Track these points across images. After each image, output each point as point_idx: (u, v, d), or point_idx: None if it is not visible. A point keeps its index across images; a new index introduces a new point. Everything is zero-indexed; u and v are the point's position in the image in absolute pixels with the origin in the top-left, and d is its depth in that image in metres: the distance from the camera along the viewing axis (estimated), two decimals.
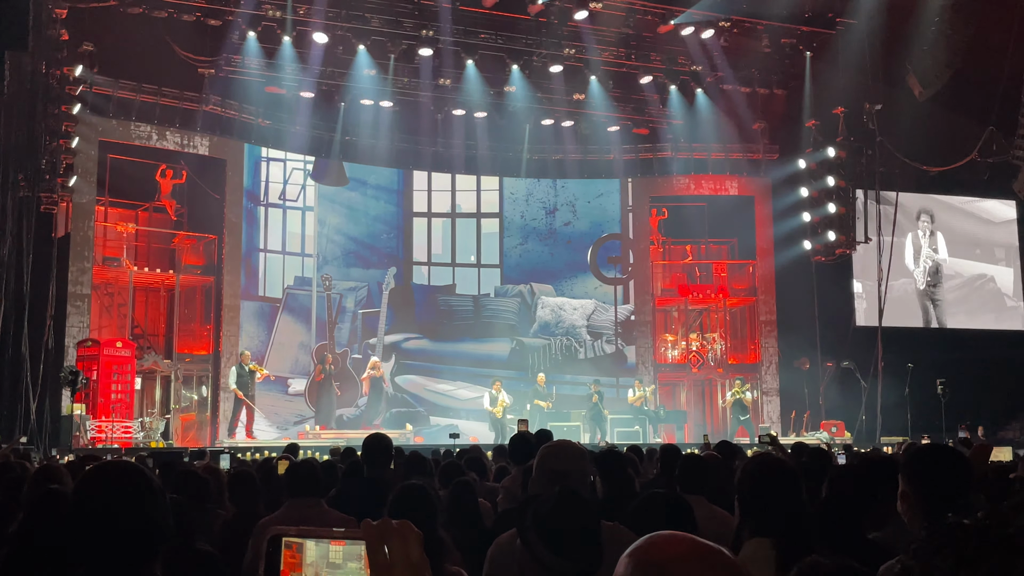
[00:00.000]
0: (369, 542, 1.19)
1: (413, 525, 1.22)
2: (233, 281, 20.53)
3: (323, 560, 1.21)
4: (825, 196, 22.34)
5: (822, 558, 1.82)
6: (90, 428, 16.36)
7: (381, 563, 1.18)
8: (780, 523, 2.63)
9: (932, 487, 2.78)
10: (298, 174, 22.58)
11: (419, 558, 1.20)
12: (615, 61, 22.82)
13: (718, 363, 23.58)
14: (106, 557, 2.07)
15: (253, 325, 21.27)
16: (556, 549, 2.48)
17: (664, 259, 24.42)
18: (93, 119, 18.74)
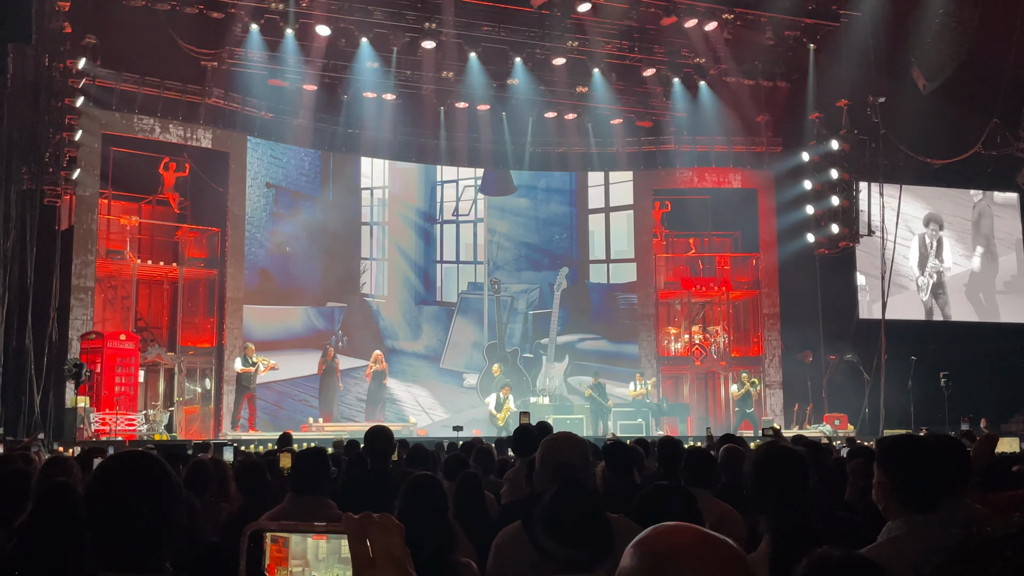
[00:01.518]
0: (351, 536, 1.18)
1: (395, 519, 1.21)
2: (236, 274, 20.54)
3: (310, 554, 1.21)
4: (828, 189, 22.30)
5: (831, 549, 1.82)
6: (94, 421, 16.39)
7: (363, 557, 1.17)
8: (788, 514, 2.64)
9: (905, 477, 2.82)
10: (469, 191, 24.32)
11: (401, 551, 1.19)
12: (618, 53, 22.79)
13: (721, 356, 23.59)
14: (121, 547, 2.07)
15: (432, 326, 23.64)
16: (561, 539, 2.48)
17: (667, 252, 24.40)
18: (96, 112, 18.74)
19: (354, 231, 23.25)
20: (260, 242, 21.37)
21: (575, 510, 2.54)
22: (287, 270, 21.89)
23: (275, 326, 21.58)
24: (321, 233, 22.39)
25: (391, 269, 23.63)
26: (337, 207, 22.90)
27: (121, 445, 13.71)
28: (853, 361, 21.44)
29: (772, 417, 22.01)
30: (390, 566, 1.17)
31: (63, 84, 17.38)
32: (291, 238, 22.06)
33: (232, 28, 20.20)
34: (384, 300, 23.34)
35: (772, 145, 23.97)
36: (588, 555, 2.48)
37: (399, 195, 23.91)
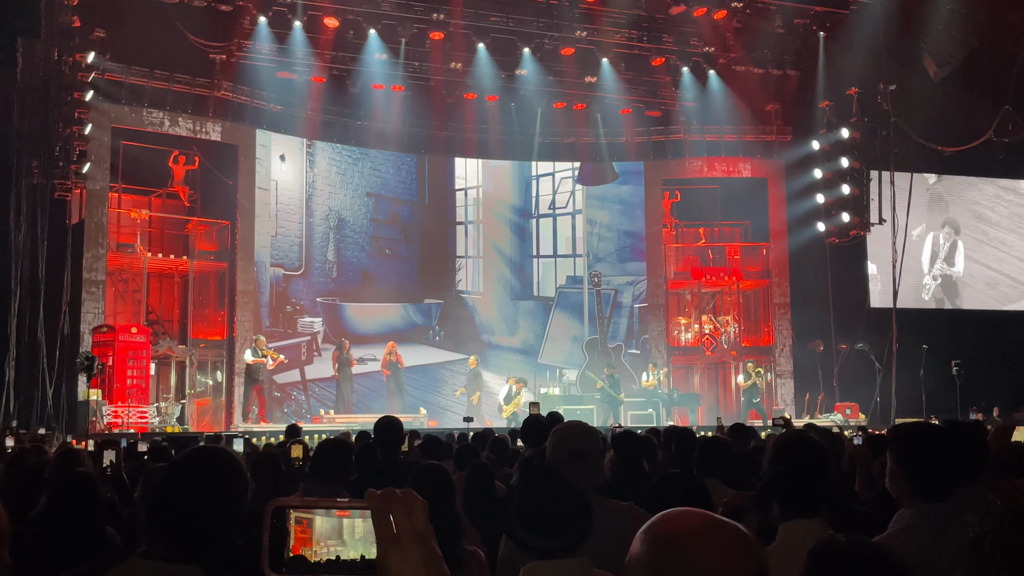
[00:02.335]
0: (374, 512, 1.18)
1: (417, 494, 1.20)
2: (247, 266, 20.59)
3: (333, 534, 1.21)
4: (839, 177, 22.20)
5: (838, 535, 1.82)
6: (106, 413, 16.46)
7: (387, 533, 1.17)
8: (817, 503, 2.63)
9: (917, 465, 2.80)
10: (566, 182, 24.53)
11: (424, 527, 1.19)
12: (627, 43, 22.72)
13: (731, 346, 23.54)
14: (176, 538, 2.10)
15: (528, 321, 24.10)
16: (533, 527, 2.46)
17: (677, 242, 24.36)
18: (105, 106, 18.78)
19: (449, 231, 24.15)
20: (362, 246, 22.97)
21: (545, 496, 2.52)
22: (387, 270, 23.33)
23: (376, 322, 22.78)
24: (418, 234, 23.70)
25: (486, 266, 24.15)
26: (432, 209, 24.05)
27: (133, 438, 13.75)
28: (864, 350, 21.36)
29: (783, 407, 21.98)
30: (414, 541, 1.17)
31: (72, 78, 17.42)
32: (390, 241, 23.45)
33: (240, 21, 20.21)
34: (480, 296, 23.96)
35: (782, 134, 23.86)
36: (562, 541, 2.46)
37: (493, 193, 24.41)
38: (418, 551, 1.17)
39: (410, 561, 1.16)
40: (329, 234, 22.37)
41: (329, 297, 22.25)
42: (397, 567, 1.16)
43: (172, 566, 2.08)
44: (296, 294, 21.83)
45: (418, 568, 1.17)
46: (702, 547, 1.40)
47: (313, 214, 22.16)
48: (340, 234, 22.55)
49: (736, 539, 1.42)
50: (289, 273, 21.69)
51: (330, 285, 22.30)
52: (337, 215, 22.54)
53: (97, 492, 3.80)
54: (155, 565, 2.09)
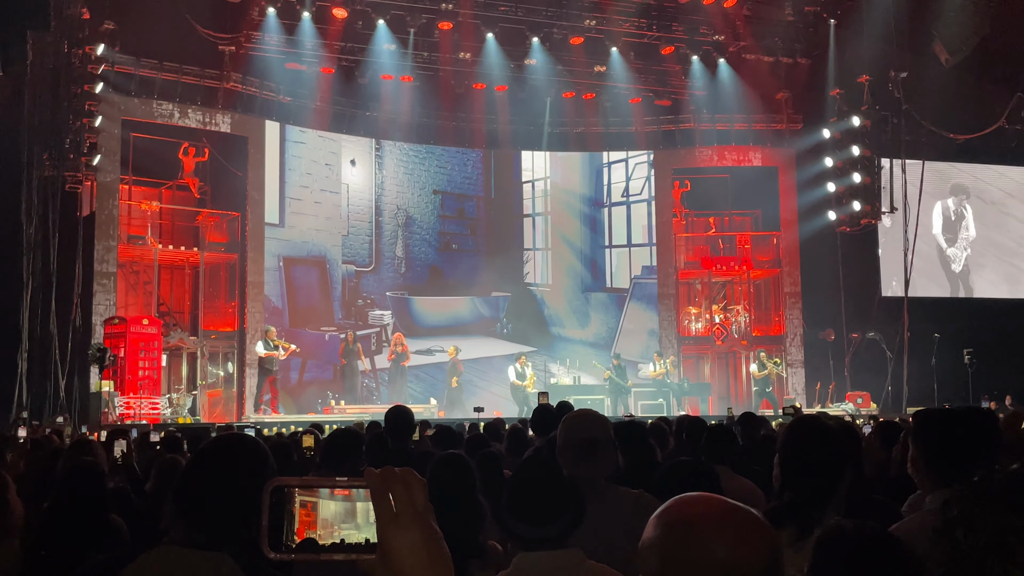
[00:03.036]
0: (373, 491, 1.17)
1: (416, 473, 1.20)
2: (257, 258, 20.63)
3: (337, 517, 1.21)
4: (850, 166, 22.10)
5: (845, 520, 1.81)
6: (119, 405, 16.54)
7: (387, 511, 1.16)
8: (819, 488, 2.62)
9: (941, 451, 2.78)
10: (641, 167, 24.44)
11: (424, 505, 1.18)
12: (636, 32, 22.65)
13: (742, 335, 23.50)
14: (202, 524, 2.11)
15: (600, 313, 24.11)
16: (523, 516, 2.46)
17: (687, 231, 24.30)
18: (115, 98, 18.82)
19: (516, 224, 24.31)
20: (429, 242, 23.61)
21: (536, 486, 2.51)
22: (454, 265, 23.83)
23: (443, 315, 23.38)
24: (485, 228, 24.07)
25: (555, 258, 24.17)
26: (499, 203, 24.32)
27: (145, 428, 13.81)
28: (876, 339, 21.31)
29: (794, 396, 21.94)
30: (414, 520, 1.17)
31: (82, 70, 17.44)
32: (456, 236, 23.94)
33: (249, 12, 20.21)
34: (548, 289, 24.05)
35: (792, 122, 23.76)
36: (552, 531, 2.45)
37: (561, 184, 24.48)
38: (418, 529, 1.16)
39: (410, 539, 1.16)
40: (398, 231, 23.23)
41: (398, 291, 23.02)
42: (397, 545, 1.15)
43: (200, 552, 2.10)
44: (367, 289, 22.72)
45: (418, 546, 1.16)
46: (716, 533, 1.39)
47: (382, 213, 23.06)
48: (408, 231, 23.33)
49: (750, 525, 1.42)
50: (360, 269, 22.67)
51: (399, 280, 23.17)
52: (405, 213, 23.34)
53: (102, 482, 3.82)
54: (183, 551, 2.11)
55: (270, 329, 19.48)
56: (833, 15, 22.21)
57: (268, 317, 20.76)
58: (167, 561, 2.11)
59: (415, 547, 1.16)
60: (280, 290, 21.42)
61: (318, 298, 21.97)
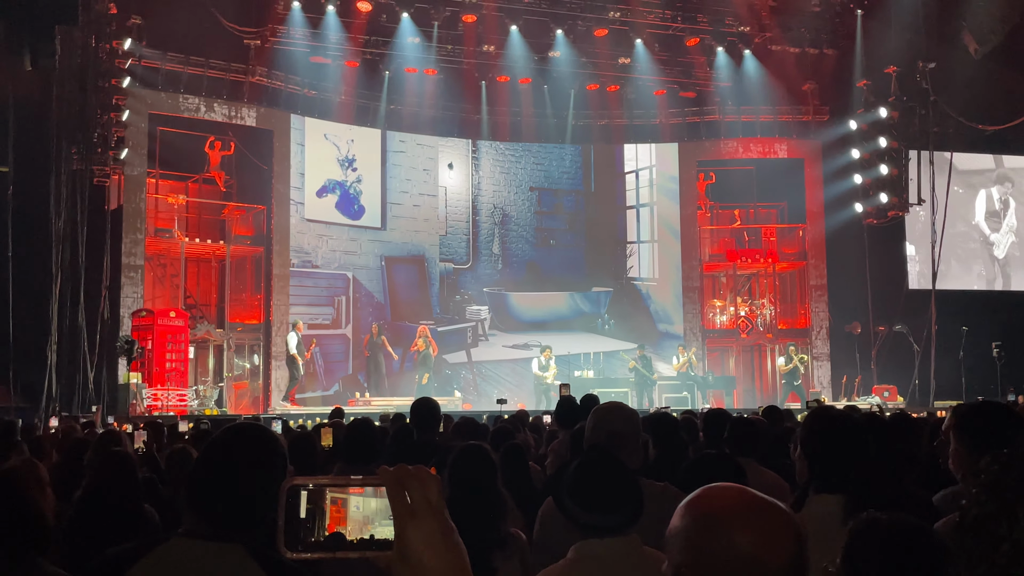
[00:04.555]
0: (389, 488, 1.19)
1: (429, 470, 1.22)
2: (282, 251, 20.75)
3: (368, 514, 1.22)
4: (877, 157, 21.91)
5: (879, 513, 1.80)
6: (146, 396, 16.69)
7: (403, 508, 1.18)
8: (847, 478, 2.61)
9: (984, 444, 2.75)
10: None
11: (439, 501, 1.20)
12: (661, 23, 22.54)
13: (767, 328, 23.38)
14: (215, 515, 2.11)
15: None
16: (587, 504, 2.48)
17: (712, 224, 24.19)
18: (142, 92, 18.97)
19: (618, 217, 24.29)
20: (526, 239, 23.99)
21: (600, 476, 2.53)
22: (552, 261, 24.02)
23: (542, 310, 23.71)
24: (584, 223, 24.15)
25: (661, 251, 23.90)
26: (599, 196, 24.36)
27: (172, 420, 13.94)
28: (903, 332, 21.12)
29: (820, 389, 21.80)
30: (430, 515, 1.19)
31: (110, 65, 17.59)
32: (555, 232, 24.14)
33: (274, 6, 20.30)
34: (655, 283, 23.83)
35: (819, 114, 23.57)
36: (616, 520, 2.47)
37: (669, 173, 24.23)
38: (434, 522, 1.18)
39: (427, 534, 1.18)
40: (494, 229, 23.75)
41: (495, 288, 23.44)
42: (415, 541, 1.17)
43: (214, 545, 2.09)
44: (464, 285, 23.42)
45: (435, 540, 1.18)
46: (742, 525, 1.40)
47: (479, 212, 23.66)
48: (504, 228, 23.79)
49: (777, 518, 1.42)
50: (458, 267, 23.42)
51: (496, 276, 23.64)
52: (502, 211, 23.81)
53: (135, 471, 3.86)
54: (197, 544, 2.09)
55: (298, 322, 19.63)
56: (860, 5, 22.00)
57: (371, 312, 21.89)
58: (180, 553, 2.10)
59: (431, 539, 1.18)
60: (382, 287, 22.35)
61: (417, 294, 22.86)
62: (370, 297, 22.12)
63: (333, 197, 21.95)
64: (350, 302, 21.92)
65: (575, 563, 2.48)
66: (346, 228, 22.06)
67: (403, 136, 22.90)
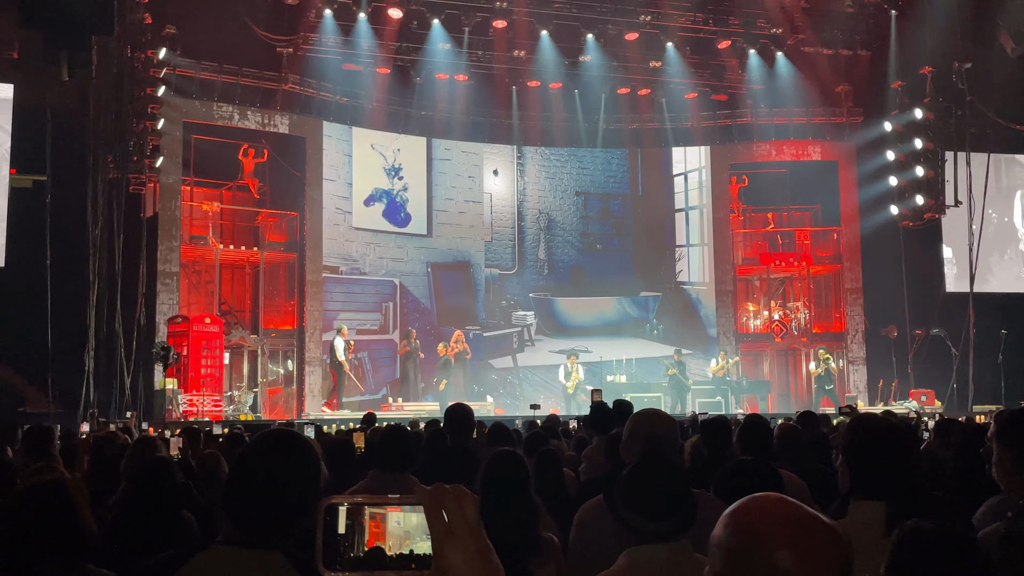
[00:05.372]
0: (426, 507, 1.20)
1: (466, 489, 1.22)
2: (315, 257, 20.89)
3: (408, 529, 1.22)
4: (912, 159, 21.66)
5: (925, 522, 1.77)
6: (182, 402, 16.85)
7: (441, 527, 1.19)
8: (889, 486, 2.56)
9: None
10: None
11: (475, 520, 1.20)
12: (692, 26, 22.45)
13: (802, 332, 23.18)
14: (253, 523, 2.12)
15: None
16: (642, 510, 2.47)
17: (745, 227, 24.04)
18: (177, 101, 19.17)
19: (666, 220, 24.26)
20: (572, 244, 24.14)
21: (656, 482, 2.52)
22: (598, 265, 24.06)
23: (588, 315, 23.80)
24: (631, 227, 24.19)
25: (713, 254, 23.79)
26: (647, 200, 24.33)
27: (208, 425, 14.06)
28: (940, 336, 20.84)
29: (855, 394, 21.59)
30: (468, 534, 1.19)
31: (145, 74, 17.80)
32: (601, 236, 24.24)
33: (306, 14, 20.44)
34: (705, 287, 23.72)
35: (853, 115, 23.36)
36: (670, 526, 2.46)
37: (716, 175, 24.18)
38: (472, 543, 1.19)
39: (465, 554, 1.18)
40: (540, 235, 23.93)
41: (540, 293, 23.59)
42: (453, 559, 1.18)
43: (253, 552, 2.09)
44: (510, 291, 23.66)
45: (473, 559, 1.18)
46: (783, 543, 1.36)
47: (524, 218, 23.84)
48: (550, 234, 23.95)
49: (820, 532, 1.38)
50: (503, 273, 23.60)
51: (542, 281, 23.83)
52: (547, 216, 23.94)
53: (174, 477, 3.89)
54: (236, 552, 2.09)
55: (342, 327, 19.77)
56: (894, 6, 21.77)
57: (418, 317, 22.22)
58: (219, 561, 2.10)
59: (469, 559, 1.18)
60: (428, 293, 22.66)
61: (463, 300, 23.10)
62: (417, 303, 22.43)
63: (380, 206, 22.30)
64: (397, 308, 22.24)
65: (628, 570, 2.47)
66: (393, 236, 22.41)
67: (448, 144, 23.14)
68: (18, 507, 2.58)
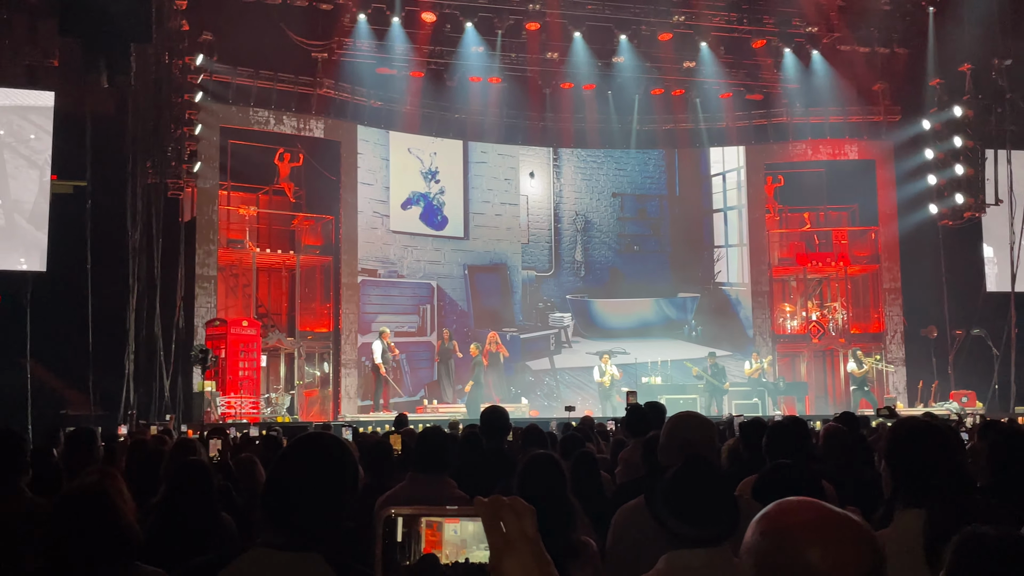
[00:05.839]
0: (485, 519, 1.21)
1: (523, 501, 1.23)
2: (350, 260, 21.01)
3: (464, 537, 1.23)
4: (952, 157, 21.37)
5: (984, 527, 1.74)
6: (220, 404, 17.01)
7: (499, 539, 1.20)
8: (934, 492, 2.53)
9: None
10: None
11: (534, 531, 1.21)
12: (726, 26, 22.32)
13: (840, 333, 22.94)
14: (291, 525, 2.14)
15: None
16: (684, 515, 2.46)
17: (781, 227, 23.84)
18: (214, 106, 19.38)
19: (704, 220, 24.23)
20: (609, 245, 24.19)
21: (700, 487, 2.51)
22: (636, 267, 24.11)
23: (626, 317, 23.89)
24: (669, 227, 24.24)
25: (751, 254, 23.72)
26: (684, 200, 24.34)
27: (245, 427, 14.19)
28: (981, 336, 20.54)
29: (895, 395, 21.33)
30: (526, 547, 1.20)
31: (182, 81, 18.02)
32: (638, 237, 24.28)
33: (340, 19, 20.57)
34: (744, 288, 23.67)
35: (890, 114, 23.09)
36: (712, 532, 2.45)
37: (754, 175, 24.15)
38: (530, 556, 1.20)
39: (523, 566, 1.19)
40: (576, 236, 24.04)
41: (577, 295, 23.68)
42: (511, 572, 1.19)
43: (292, 554, 2.11)
44: (547, 292, 23.82)
45: (532, 571, 1.19)
46: (809, 539, 1.37)
47: (561, 220, 23.98)
48: (587, 235, 24.05)
49: (850, 531, 1.38)
50: (540, 274, 23.84)
51: (579, 283, 23.94)
52: (584, 218, 24.03)
53: (211, 480, 3.92)
54: (276, 554, 2.12)
55: (384, 330, 19.89)
56: (932, 3, 21.50)
57: (455, 320, 22.43)
58: (259, 563, 2.12)
59: (528, 571, 1.19)
60: (465, 295, 22.86)
61: (499, 302, 23.29)
62: (454, 305, 22.63)
63: (417, 209, 22.51)
64: (435, 310, 22.42)
65: (666, 573, 2.46)
66: (430, 239, 22.58)
67: (484, 146, 23.24)
68: (62, 510, 2.62)
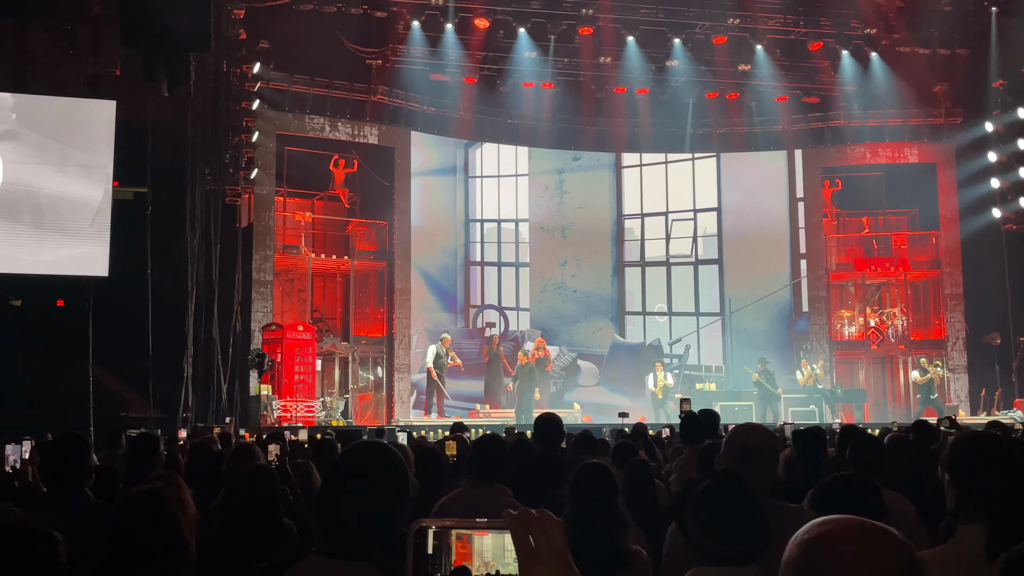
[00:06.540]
0: (514, 532, 1.21)
1: (552, 514, 1.24)
2: (403, 265, 21.16)
3: (490, 551, 1.23)
4: (1016, 160, 20.91)
5: None
6: (276, 408, 17.23)
7: (528, 552, 1.20)
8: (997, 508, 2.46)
9: None
10: None
11: (562, 545, 1.22)
12: (782, 28, 22.05)
13: (899, 339, 22.52)
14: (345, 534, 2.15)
15: None
16: (711, 533, 2.42)
17: (839, 232, 23.49)
18: (270, 114, 19.67)
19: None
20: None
21: (728, 503, 2.46)
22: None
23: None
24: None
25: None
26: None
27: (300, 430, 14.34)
28: None
29: (957, 403, 20.89)
30: (555, 560, 1.20)
31: (240, 89, 18.32)
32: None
33: (395, 26, 20.74)
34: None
35: (951, 116, 22.63)
36: (738, 551, 2.40)
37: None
38: (559, 567, 1.20)
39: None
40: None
41: None
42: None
43: (346, 563, 2.12)
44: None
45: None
46: (842, 546, 1.39)
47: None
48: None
49: (881, 541, 1.40)
50: None
51: None
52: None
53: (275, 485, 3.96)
54: (331, 563, 2.13)
55: (445, 336, 20.02)
56: (995, 3, 21.04)
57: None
58: (315, 572, 2.13)
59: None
60: None
61: None
62: None
63: None
64: None
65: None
66: None
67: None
68: (119, 515, 2.66)
